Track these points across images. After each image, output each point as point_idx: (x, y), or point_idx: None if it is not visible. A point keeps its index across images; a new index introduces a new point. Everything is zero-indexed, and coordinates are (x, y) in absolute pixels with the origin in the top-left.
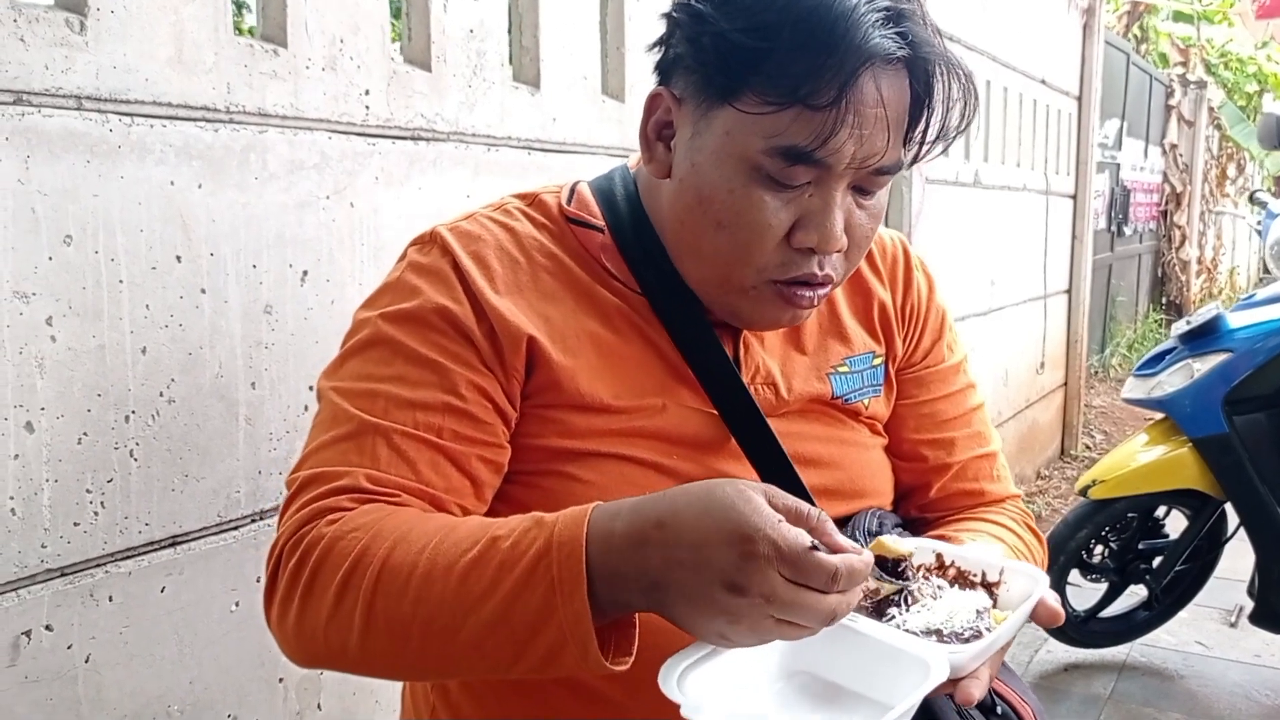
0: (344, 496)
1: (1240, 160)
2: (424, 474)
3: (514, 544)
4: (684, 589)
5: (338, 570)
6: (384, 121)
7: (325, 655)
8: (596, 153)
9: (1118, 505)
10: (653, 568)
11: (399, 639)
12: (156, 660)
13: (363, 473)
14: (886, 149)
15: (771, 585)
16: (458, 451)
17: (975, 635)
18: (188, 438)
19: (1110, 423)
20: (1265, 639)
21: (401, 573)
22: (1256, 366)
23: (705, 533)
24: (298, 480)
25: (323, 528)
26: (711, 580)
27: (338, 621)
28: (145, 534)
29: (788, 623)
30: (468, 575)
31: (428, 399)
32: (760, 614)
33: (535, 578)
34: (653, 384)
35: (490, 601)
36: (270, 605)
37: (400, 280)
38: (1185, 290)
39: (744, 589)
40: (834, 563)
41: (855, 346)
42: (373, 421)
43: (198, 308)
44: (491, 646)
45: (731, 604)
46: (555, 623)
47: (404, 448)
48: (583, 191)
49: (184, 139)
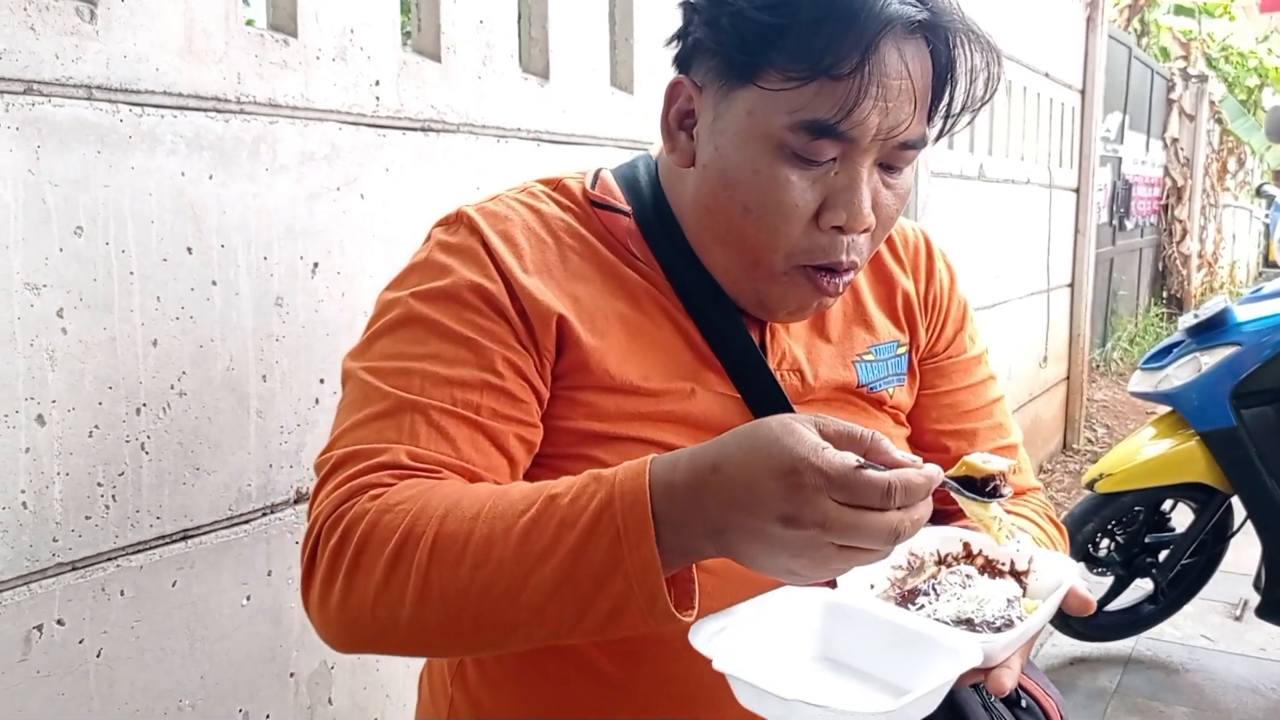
0: (385, 473)
1: (1241, 154)
2: (464, 451)
3: (573, 499)
4: (744, 529)
5: (386, 544)
6: (394, 112)
7: (371, 634)
8: (605, 145)
9: (1124, 499)
10: (713, 512)
11: (455, 608)
12: (167, 655)
13: (403, 449)
14: (911, 121)
15: (824, 512)
16: (496, 429)
17: (1007, 624)
18: (199, 431)
19: (1112, 416)
20: (1270, 632)
21: (458, 540)
22: (1264, 360)
23: (754, 470)
24: (331, 459)
25: (365, 503)
26: (766, 517)
27: (388, 596)
28: (156, 528)
29: (852, 548)
30: (528, 535)
31: (465, 376)
32: (820, 543)
33: (599, 530)
34: (681, 368)
35: (553, 559)
36: (309, 587)
37: (429, 260)
38: (1186, 284)
39: (798, 519)
40: (885, 478)
41: (880, 335)
42: (410, 399)
43: (209, 300)
44: (555, 606)
45: (789, 537)
46: (622, 573)
47: (443, 424)
48: (606, 177)
49: (194, 129)
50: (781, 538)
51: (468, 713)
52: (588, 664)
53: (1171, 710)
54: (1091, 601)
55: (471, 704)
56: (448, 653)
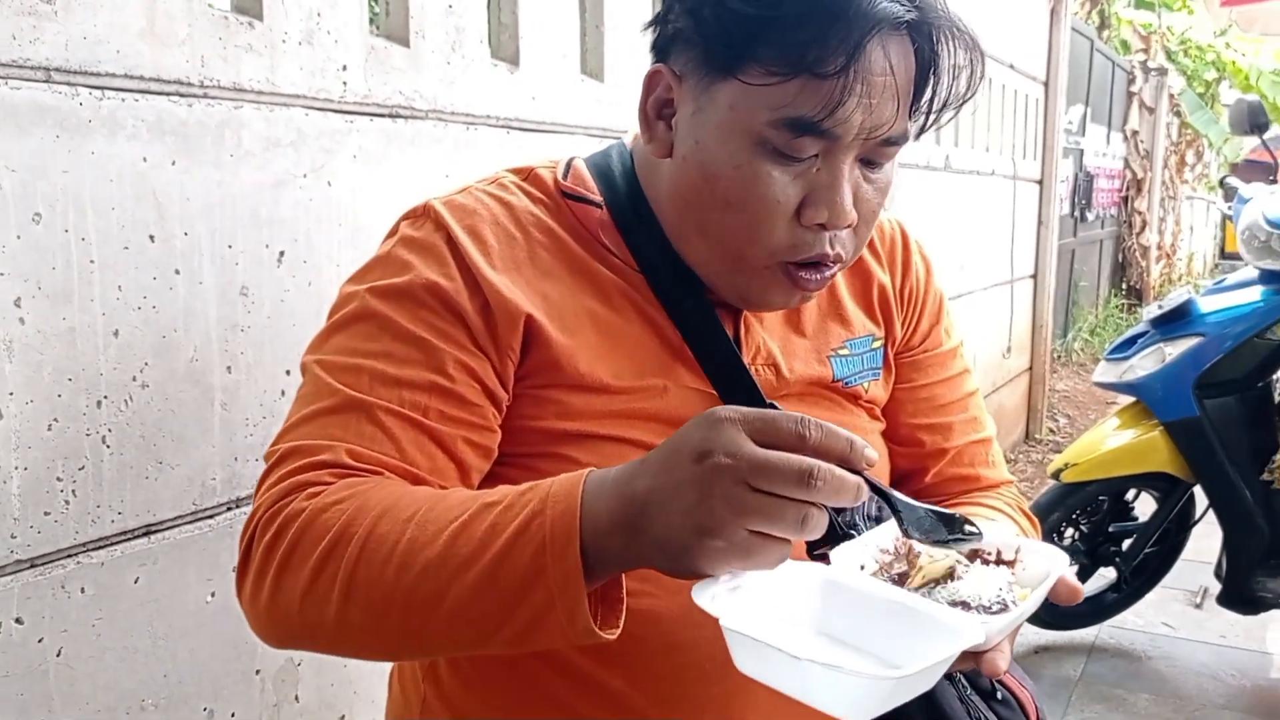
0: (324, 471)
1: (1199, 147)
2: (408, 453)
3: (506, 507)
4: (659, 486)
5: (318, 544)
6: (362, 98)
7: (299, 632)
8: (575, 133)
9: (1089, 488)
10: (639, 489)
11: (380, 610)
12: (130, 653)
13: (344, 448)
14: (895, 118)
15: (737, 442)
16: (443, 432)
17: (1003, 608)
18: (161, 423)
19: (1073, 406)
20: (1230, 620)
21: (387, 542)
22: (1227, 351)
23: (675, 435)
24: (276, 454)
25: (302, 501)
26: (679, 458)
27: (316, 595)
28: (118, 523)
29: (768, 497)
30: (455, 539)
31: (414, 377)
32: (730, 479)
33: (526, 538)
34: (653, 364)
35: (477, 564)
36: (243, 581)
37: (391, 254)
38: (1145, 275)
39: (709, 450)
40: (799, 415)
41: (855, 329)
42: (356, 397)
43: (171, 289)
44: (476, 612)
45: (699, 474)
46: (544, 584)
47: (388, 425)
48: (579, 167)
49: (156, 114)
50: (691, 477)
51: (441, 710)
52: (564, 662)
53: (1135, 698)
54: (1080, 590)
55: (444, 702)
56: (376, 655)
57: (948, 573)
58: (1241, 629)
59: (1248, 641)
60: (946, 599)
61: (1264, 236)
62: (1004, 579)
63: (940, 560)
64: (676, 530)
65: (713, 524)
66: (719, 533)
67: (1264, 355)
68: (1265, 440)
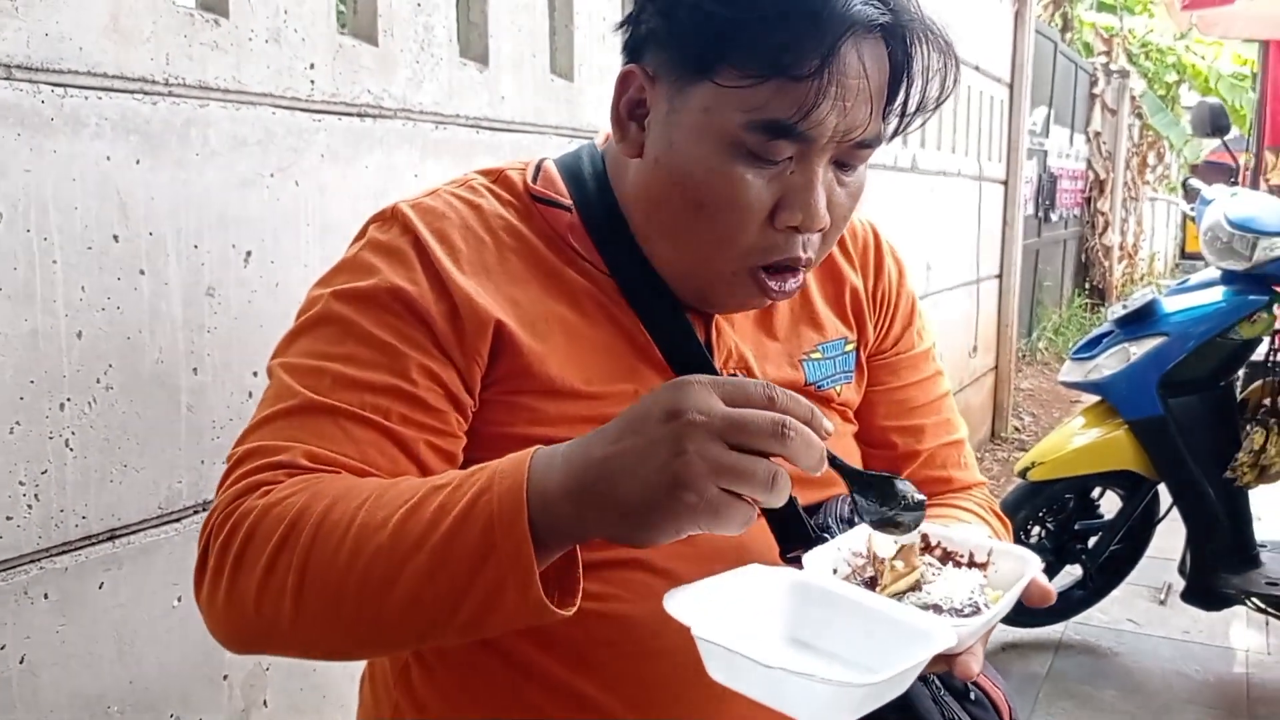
0: (280, 471)
1: (1160, 149)
2: (368, 454)
3: (456, 487)
4: (624, 449)
5: (271, 537)
6: (329, 97)
7: (258, 633)
8: (545, 132)
9: (1055, 487)
10: (595, 453)
11: (333, 600)
12: (95, 660)
13: (302, 449)
14: (869, 121)
15: (709, 403)
16: (406, 436)
17: (975, 611)
18: (127, 426)
19: (1038, 405)
20: (1193, 616)
21: (339, 528)
22: (1190, 350)
23: (640, 400)
24: (235, 455)
25: (255, 500)
26: (648, 418)
27: (270, 590)
28: (82, 528)
29: (742, 453)
30: (405, 521)
31: (376, 380)
32: (704, 434)
33: (474, 515)
34: (623, 369)
35: (427, 545)
36: (200, 584)
37: (358, 258)
38: (1108, 275)
39: (680, 410)
40: (761, 380)
41: (828, 333)
42: (317, 399)
43: (136, 290)
44: (430, 595)
45: (671, 431)
46: (495, 560)
47: (348, 427)
48: (549, 169)
49: (120, 112)
50: (664, 434)
51: (413, 716)
52: (539, 669)
53: (1101, 694)
54: (1052, 593)
55: (417, 708)
56: (336, 651)
57: (916, 579)
58: (1205, 625)
59: (1211, 637)
60: (918, 602)
61: (1226, 237)
62: (975, 581)
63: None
64: (648, 488)
65: (688, 477)
66: (692, 486)
67: (1226, 354)
68: (1227, 438)
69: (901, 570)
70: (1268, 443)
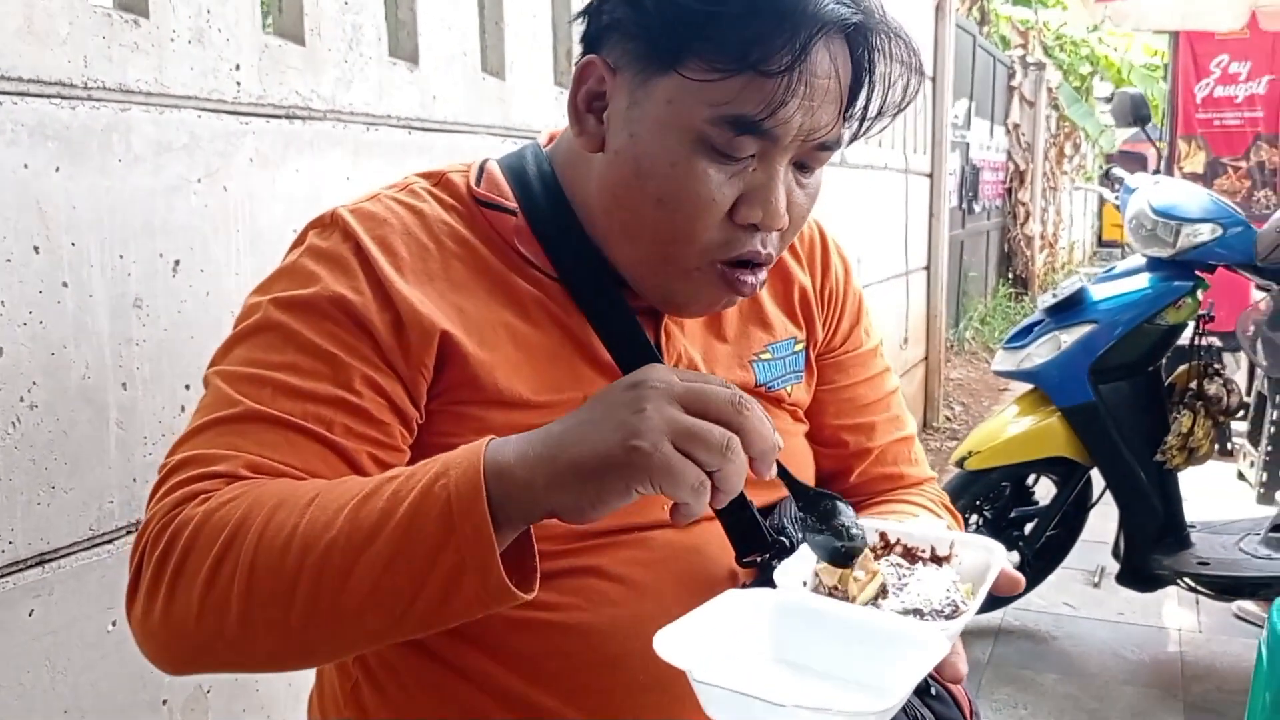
0: (219, 481)
1: (1076, 139)
2: (312, 465)
3: (408, 476)
4: (585, 417)
5: (213, 544)
6: (256, 99)
7: (198, 646)
8: (478, 132)
9: (992, 475)
10: (553, 437)
11: (283, 602)
12: (26, 690)
13: (243, 459)
14: (833, 123)
15: (669, 379)
16: (348, 448)
17: (955, 609)
18: (53, 446)
19: (968, 394)
20: (1127, 598)
21: (285, 527)
22: (1118, 337)
23: (595, 395)
24: (169, 464)
25: (193, 509)
26: (611, 391)
27: (213, 599)
28: (9, 553)
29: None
30: (357, 512)
31: (319, 390)
32: (663, 398)
33: (430, 500)
34: (571, 377)
35: (382, 534)
36: (133, 601)
37: (297, 265)
38: (1030, 265)
39: (643, 381)
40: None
41: (777, 333)
42: (257, 409)
43: (60, 303)
44: (386, 586)
45: (632, 396)
46: (454, 544)
47: (291, 438)
48: (493, 170)
49: (38, 117)
50: (624, 399)
51: None
52: (496, 684)
53: (1042, 678)
54: (1021, 580)
55: None
56: (285, 660)
57: (881, 582)
58: (1139, 606)
59: (1145, 618)
60: (899, 608)
61: (1150, 225)
62: (949, 579)
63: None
64: (603, 444)
65: (643, 429)
66: (646, 436)
67: (1154, 340)
68: (1157, 423)
69: (864, 579)
70: (1195, 425)
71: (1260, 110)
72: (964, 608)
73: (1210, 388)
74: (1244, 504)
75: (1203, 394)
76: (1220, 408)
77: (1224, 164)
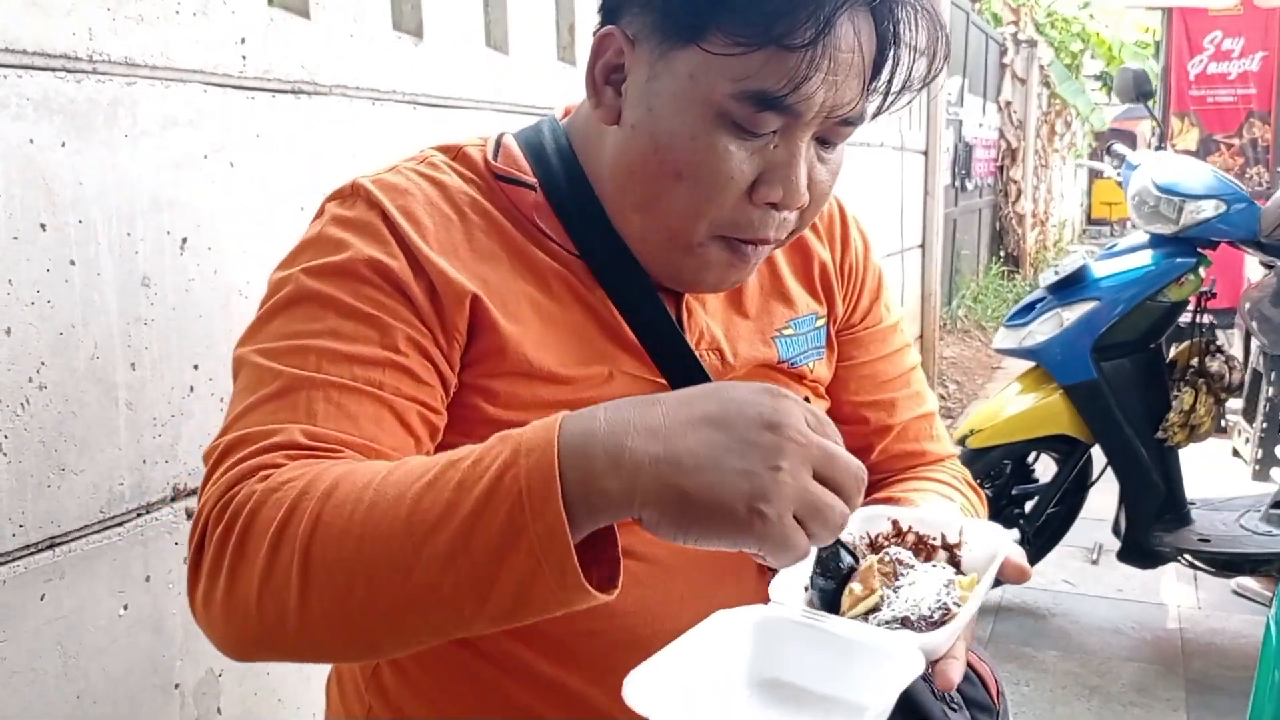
0: (279, 453)
1: (1067, 117)
2: (367, 429)
3: (475, 461)
4: (707, 439)
5: (270, 525)
6: (263, 73)
7: (260, 632)
8: (482, 108)
9: (993, 453)
10: (652, 425)
11: (341, 592)
12: (39, 676)
13: (299, 428)
14: (857, 98)
15: (805, 427)
16: (401, 405)
17: (945, 613)
18: (62, 427)
19: (961, 373)
20: (1126, 574)
21: (343, 511)
22: (1121, 314)
23: (724, 389)
24: (220, 446)
25: (253, 485)
26: (745, 420)
27: (272, 585)
28: (20, 537)
29: (825, 487)
30: (420, 501)
31: (366, 353)
32: (800, 459)
33: (499, 493)
34: (596, 352)
35: (447, 528)
36: (195, 586)
37: (323, 235)
38: (1022, 243)
39: (781, 425)
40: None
41: (799, 308)
42: (306, 375)
43: (67, 281)
44: (451, 584)
45: (771, 442)
46: (525, 544)
47: (343, 401)
48: (509, 145)
49: (43, 91)
50: (761, 443)
51: (388, 718)
52: (520, 664)
53: (1043, 655)
54: (1028, 570)
55: (392, 710)
56: (346, 653)
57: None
58: (1137, 582)
59: (1144, 594)
60: (889, 617)
61: (1153, 201)
62: (942, 580)
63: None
64: (726, 489)
65: (775, 494)
66: (776, 503)
67: (1156, 317)
68: (1158, 400)
69: (860, 594)
70: (1196, 403)
71: (1253, 87)
72: (955, 610)
73: (1212, 365)
74: (1239, 481)
75: (1204, 371)
76: (1222, 384)
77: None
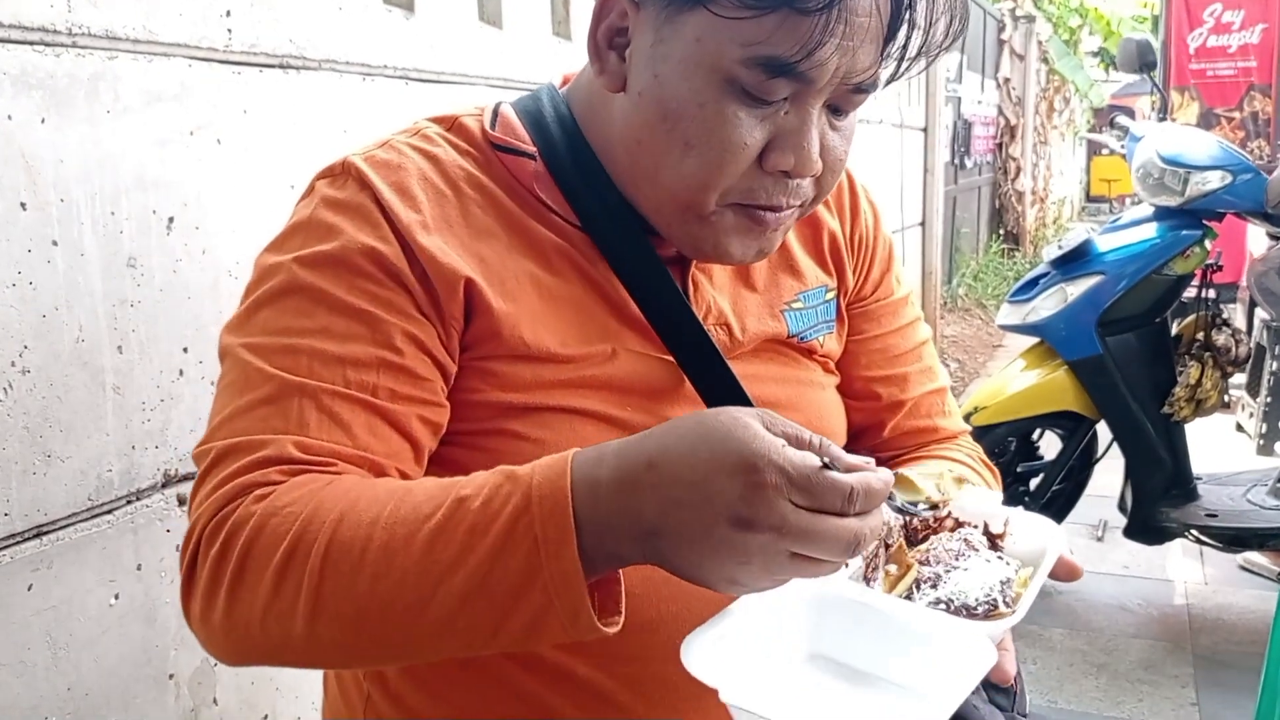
0: (272, 469)
1: (1065, 93)
2: (361, 438)
3: (485, 503)
4: (684, 531)
5: (273, 553)
6: (249, 47)
7: (263, 649)
8: (476, 83)
9: (998, 430)
10: (648, 513)
11: (354, 624)
12: (27, 668)
13: (290, 440)
14: (872, 65)
15: (782, 514)
16: (396, 412)
17: (990, 609)
18: (48, 412)
19: (963, 351)
20: (1131, 550)
21: (354, 548)
22: (1126, 288)
23: (703, 467)
24: (211, 453)
25: (250, 505)
26: (715, 517)
27: (278, 610)
28: (5, 525)
29: (805, 558)
30: (433, 543)
31: (359, 354)
32: (773, 550)
33: (515, 538)
34: (599, 329)
35: (462, 569)
36: (190, 600)
37: (313, 218)
38: (1021, 220)
39: (753, 522)
40: (849, 481)
41: (808, 281)
42: (297, 381)
43: (50, 262)
44: (465, 621)
45: (740, 541)
46: (540, 585)
47: (336, 410)
48: (507, 114)
49: (20, 66)
50: (729, 541)
51: (388, 711)
52: (526, 653)
53: (1050, 633)
54: (1080, 569)
55: (392, 701)
56: (351, 665)
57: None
58: (1143, 559)
59: (1150, 570)
60: (931, 599)
61: (1158, 174)
62: (1001, 576)
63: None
64: (702, 573)
65: (744, 581)
66: (748, 585)
67: (1161, 291)
68: (1164, 374)
69: (896, 574)
70: (1203, 377)
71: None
72: (1004, 609)
73: (1218, 338)
74: (1243, 455)
75: (1210, 344)
76: (1229, 358)
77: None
